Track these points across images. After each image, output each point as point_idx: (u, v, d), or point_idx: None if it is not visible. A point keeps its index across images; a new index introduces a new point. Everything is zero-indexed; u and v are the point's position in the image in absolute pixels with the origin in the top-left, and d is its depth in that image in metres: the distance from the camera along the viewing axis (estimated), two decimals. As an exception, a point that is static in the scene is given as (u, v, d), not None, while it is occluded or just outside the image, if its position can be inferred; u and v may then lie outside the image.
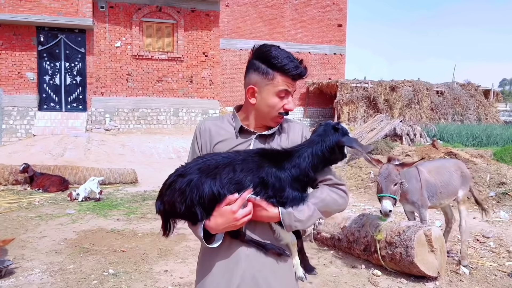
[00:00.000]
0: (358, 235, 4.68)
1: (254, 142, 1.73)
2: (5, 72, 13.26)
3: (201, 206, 1.54)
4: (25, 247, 5.07)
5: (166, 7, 14.44)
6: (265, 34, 23.88)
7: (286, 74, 1.67)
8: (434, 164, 4.87)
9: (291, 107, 1.71)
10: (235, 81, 23.52)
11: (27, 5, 12.64)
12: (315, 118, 24.62)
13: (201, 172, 1.56)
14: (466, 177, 4.75)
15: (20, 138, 13.32)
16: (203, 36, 14.80)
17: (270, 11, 23.95)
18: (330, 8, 24.86)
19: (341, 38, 25.14)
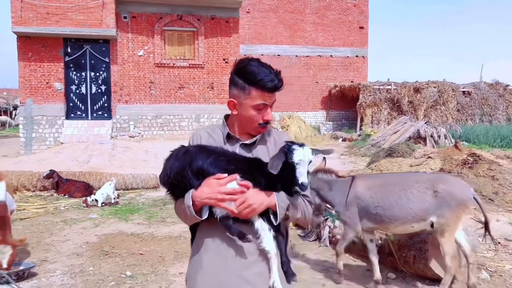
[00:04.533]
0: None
1: (239, 150, 1.83)
2: (35, 83, 13.81)
3: (192, 173, 1.69)
4: (49, 250, 5.27)
5: (187, 15, 14.73)
6: (286, 38, 23.96)
7: (261, 89, 1.74)
8: (385, 179, 4.15)
9: (269, 118, 1.80)
10: (257, 86, 23.64)
11: (54, 18, 13.15)
12: (337, 121, 24.46)
13: (199, 148, 1.76)
14: (445, 199, 3.58)
15: (49, 146, 13.81)
16: (223, 43, 15.00)
17: (291, 15, 24.02)
18: (351, 11, 24.71)
19: (363, 40, 24.93)
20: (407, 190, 3.71)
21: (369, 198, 3.83)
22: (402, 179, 3.99)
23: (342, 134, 21.27)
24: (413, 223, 3.69)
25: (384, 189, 3.82)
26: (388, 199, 3.74)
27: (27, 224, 6.48)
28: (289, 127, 21.29)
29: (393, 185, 3.84)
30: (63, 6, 13.19)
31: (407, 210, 3.65)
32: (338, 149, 18.04)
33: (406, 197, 3.68)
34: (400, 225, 3.74)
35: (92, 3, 13.32)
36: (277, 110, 23.31)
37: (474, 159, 8.21)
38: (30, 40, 13.53)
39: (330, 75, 24.63)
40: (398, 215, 3.69)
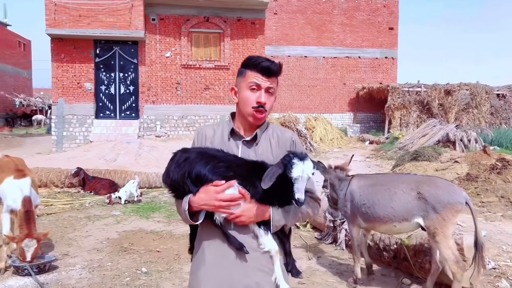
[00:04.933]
0: (388, 242, 4.57)
1: (242, 147, 1.85)
2: (67, 83, 14.29)
3: (190, 180, 1.72)
4: (71, 245, 5.45)
5: (213, 17, 14.88)
6: (314, 40, 23.83)
7: (254, 69, 1.80)
8: (376, 179, 4.21)
9: (262, 100, 1.80)
10: (283, 88, 23.60)
11: (85, 20, 13.58)
12: (365, 124, 24.11)
13: (199, 155, 1.76)
14: (428, 201, 3.55)
15: (79, 144, 14.25)
16: (249, 44, 15.07)
17: (319, 16, 23.87)
18: (380, 12, 24.33)
19: (393, 41, 24.48)
20: (391, 190, 3.77)
21: (358, 196, 3.96)
22: (391, 179, 4.08)
23: (369, 137, 20.97)
24: (395, 223, 3.73)
25: (371, 188, 3.92)
26: (372, 198, 3.84)
27: (53, 219, 6.72)
28: (315, 129, 21.14)
29: (380, 184, 3.92)
30: (94, 8, 13.60)
31: (388, 209, 3.72)
32: (364, 152, 17.79)
33: (389, 197, 3.74)
34: (383, 224, 3.82)
35: (121, 5, 13.66)
36: (303, 112, 23.24)
37: (503, 165, 7.93)
38: (62, 41, 14.01)
39: (358, 76, 24.31)
40: (380, 214, 3.78)
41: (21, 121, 31.17)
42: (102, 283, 4.19)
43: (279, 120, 16.62)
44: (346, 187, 4.12)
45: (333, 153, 17.22)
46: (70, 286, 4.12)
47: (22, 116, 31.45)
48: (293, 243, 5.49)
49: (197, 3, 14.46)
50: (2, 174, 4.37)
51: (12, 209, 4.08)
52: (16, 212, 4.06)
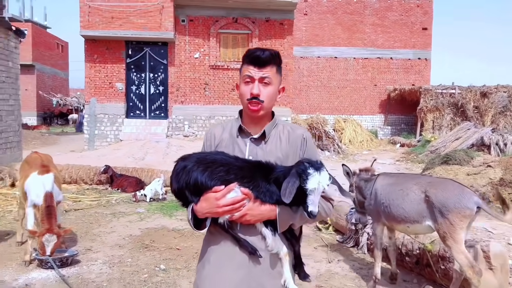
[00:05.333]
0: (410, 247, 4.43)
1: (250, 144, 1.81)
2: (99, 83, 14.70)
3: (188, 190, 1.69)
4: (95, 240, 5.57)
5: (242, 18, 14.93)
6: (344, 40, 23.53)
7: (246, 61, 1.79)
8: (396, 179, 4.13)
9: (254, 91, 1.75)
10: (312, 89, 23.43)
11: (117, 21, 13.93)
12: (396, 126, 23.59)
13: (197, 162, 1.71)
14: (435, 204, 3.48)
15: (109, 143, 14.62)
16: (277, 45, 15.02)
17: (350, 17, 23.54)
18: (414, 11, 23.74)
19: (426, 42, 23.84)
20: (403, 190, 3.79)
21: (379, 195, 3.99)
22: (406, 180, 4.01)
23: (400, 139, 20.49)
24: (408, 224, 3.75)
25: (389, 187, 3.95)
26: (388, 197, 3.88)
27: (80, 215, 6.90)
28: (344, 130, 20.85)
29: (396, 184, 3.93)
30: (126, 10, 13.92)
31: (400, 210, 3.76)
32: (395, 154, 17.40)
33: (401, 197, 3.77)
34: (397, 223, 3.85)
35: (152, 7, 13.93)
36: (332, 113, 22.96)
37: None
38: (96, 43, 14.42)
39: (389, 77, 23.81)
40: (394, 214, 3.82)
41: (57, 120, 32.35)
42: (120, 279, 4.25)
43: (306, 121, 16.48)
44: (372, 186, 4.14)
45: (362, 156, 16.92)
46: (90, 280, 4.20)
47: (59, 115, 32.64)
48: (313, 245, 5.42)
49: (226, 4, 14.56)
50: (30, 169, 4.53)
51: (35, 203, 4.21)
52: (38, 207, 4.19)
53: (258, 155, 1.78)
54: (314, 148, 1.86)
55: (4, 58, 10.41)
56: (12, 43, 10.83)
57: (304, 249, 5.33)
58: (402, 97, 22.85)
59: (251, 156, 1.79)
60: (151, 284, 4.15)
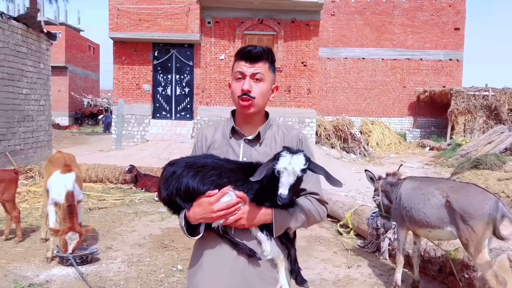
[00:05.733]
0: (433, 254, 4.27)
1: (244, 145, 1.76)
2: (127, 84, 14.98)
3: (179, 196, 1.63)
4: (116, 238, 5.65)
5: (267, 19, 14.91)
6: (372, 41, 23.15)
7: (238, 57, 1.75)
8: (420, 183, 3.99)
9: (245, 87, 1.70)
10: (339, 90, 23.16)
11: (145, 24, 14.17)
12: (425, 129, 23.00)
13: (186, 167, 1.65)
14: (456, 210, 3.37)
15: (136, 143, 14.88)
16: (302, 46, 14.91)
17: (378, 17, 23.15)
18: (445, 11, 23.10)
19: (458, 42, 23.14)
20: (425, 195, 3.72)
21: (403, 199, 3.92)
22: (429, 184, 3.89)
23: (429, 143, 19.97)
24: (429, 229, 3.67)
25: (413, 191, 3.88)
26: (410, 201, 3.82)
27: (103, 213, 7.03)
28: (371, 133, 20.50)
29: (419, 188, 3.85)
30: (153, 12, 14.14)
31: (421, 215, 3.69)
32: (423, 158, 16.96)
33: (422, 202, 3.70)
34: (418, 228, 3.78)
35: (178, 9, 14.09)
36: (359, 115, 22.62)
37: None
38: (124, 44, 14.71)
39: (419, 79, 23.25)
40: (416, 218, 3.75)
41: (88, 120, 33.24)
42: (137, 278, 4.28)
43: (332, 123, 16.28)
44: (397, 190, 4.08)
45: (389, 159, 16.57)
46: (108, 278, 4.26)
47: (89, 116, 33.53)
48: (333, 249, 5.31)
49: (252, 6, 14.56)
50: (53, 168, 4.64)
51: (56, 202, 4.30)
52: (59, 205, 4.28)
53: (252, 157, 1.72)
54: (310, 149, 1.79)
55: (36, 60, 10.77)
56: (43, 46, 11.19)
57: (324, 253, 5.24)
58: (432, 99, 22.26)
59: (245, 158, 1.73)
60: (167, 284, 4.16)
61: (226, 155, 1.74)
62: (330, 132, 15.70)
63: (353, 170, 12.78)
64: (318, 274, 4.53)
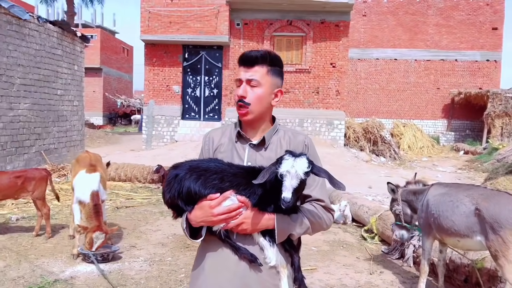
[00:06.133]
0: (459, 263, 4.11)
1: (249, 150, 1.75)
2: (157, 85, 15.28)
3: (181, 199, 1.64)
4: (140, 237, 5.76)
5: (296, 21, 14.84)
6: (405, 42, 22.63)
7: (239, 63, 1.75)
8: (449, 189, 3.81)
9: (239, 93, 1.71)
10: (369, 92, 22.77)
11: (175, 26, 14.42)
12: (460, 132, 22.26)
13: (189, 171, 1.66)
14: (486, 219, 3.21)
15: (165, 143, 15.15)
16: (332, 47, 14.76)
17: (411, 17, 22.61)
18: (483, 11, 22.28)
19: (496, 42, 22.28)
20: (454, 202, 3.55)
21: (430, 205, 3.75)
22: (458, 191, 3.71)
23: (464, 146, 19.32)
24: (457, 238, 3.50)
25: (441, 197, 3.70)
26: (438, 208, 3.66)
27: (130, 212, 7.18)
28: (403, 135, 20.05)
29: (448, 195, 3.67)
30: (183, 15, 14.36)
31: (450, 223, 3.52)
32: (457, 162, 16.43)
33: (451, 209, 3.54)
34: (447, 236, 3.62)
35: (208, 11, 14.25)
36: (390, 117, 22.16)
37: None
38: (155, 47, 15.02)
39: (453, 81, 22.54)
40: (443, 226, 3.58)
41: (121, 120, 34.13)
42: (158, 277, 4.35)
43: (361, 125, 16.01)
44: (424, 197, 3.93)
45: (421, 163, 16.15)
46: (129, 276, 4.34)
47: (123, 116, 34.42)
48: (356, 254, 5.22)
49: (281, 7, 14.54)
50: (79, 167, 4.78)
51: (81, 200, 4.43)
52: (84, 203, 4.40)
53: (257, 161, 1.71)
54: (316, 154, 1.76)
55: (70, 62, 11.14)
56: (78, 48, 11.57)
57: (346, 259, 5.15)
58: (468, 101, 21.53)
59: (249, 162, 1.72)
60: (186, 284, 4.20)
61: (231, 159, 1.74)
62: (359, 134, 15.46)
63: (382, 174, 12.52)
64: (339, 279, 4.46)
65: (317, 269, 4.71)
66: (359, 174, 12.18)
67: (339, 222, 6.78)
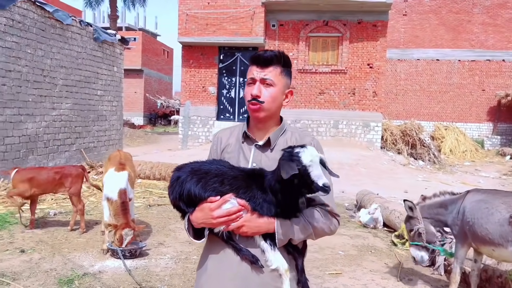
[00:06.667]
0: (491, 274, 3.91)
1: (254, 151, 1.75)
2: (193, 87, 15.56)
3: (182, 201, 1.66)
4: (169, 235, 5.87)
5: (333, 21, 14.66)
6: (448, 41, 21.81)
7: (250, 62, 1.75)
8: (487, 195, 3.63)
9: (254, 92, 1.69)
10: (410, 93, 22.11)
11: (211, 28, 14.62)
12: (507, 136, 21.20)
13: (191, 173, 1.67)
14: None
15: (200, 143, 15.39)
16: (369, 48, 14.46)
17: (455, 16, 21.76)
18: (533, 8, 21.09)
19: (549, 41, 21.02)
20: (489, 209, 3.41)
21: (467, 212, 3.59)
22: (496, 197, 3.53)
23: (511, 151, 18.34)
24: (492, 247, 3.38)
25: (477, 204, 3.54)
26: (473, 215, 3.51)
27: (161, 210, 7.34)
28: (444, 139, 19.34)
29: (484, 202, 3.52)
30: (220, 17, 14.54)
31: (484, 231, 3.39)
32: (502, 168, 15.64)
33: (486, 216, 3.40)
34: (481, 245, 3.47)
35: (243, 13, 14.35)
36: (431, 120, 21.44)
37: None
38: (191, 48, 15.30)
39: (500, 82, 21.47)
40: (478, 234, 3.44)
41: (161, 120, 34.99)
42: (182, 275, 4.41)
43: (399, 127, 15.58)
44: (460, 204, 3.74)
45: (463, 167, 15.50)
46: (155, 273, 4.43)
47: (162, 116, 35.28)
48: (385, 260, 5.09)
49: (317, 8, 14.41)
50: (109, 165, 4.95)
51: (108, 197, 4.58)
52: (111, 201, 4.54)
53: (262, 163, 1.70)
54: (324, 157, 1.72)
55: (110, 63, 11.55)
56: (117, 50, 11.97)
57: (374, 264, 5.02)
58: (516, 103, 20.47)
59: (255, 163, 1.71)
60: (209, 283, 4.23)
61: (237, 159, 1.74)
62: (396, 137, 15.04)
63: (419, 178, 12.13)
64: (364, 285, 4.35)
65: (342, 274, 4.63)
66: (395, 178, 11.85)
67: (369, 226, 6.63)
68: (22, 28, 8.21)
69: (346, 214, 7.48)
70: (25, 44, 8.33)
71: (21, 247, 5.01)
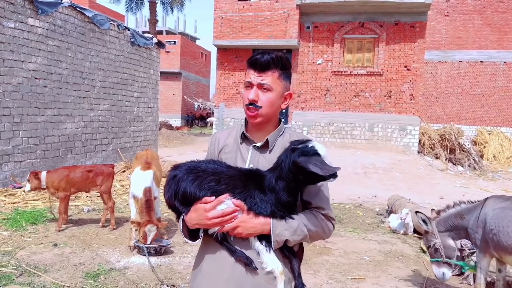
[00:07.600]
0: (520, 285, 3.71)
1: (252, 152, 1.74)
2: (227, 89, 15.73)
3: (178, 200, 1.66)
4: (195, 234, 5.97)
5: (369, 22, 14.40)
6: (492, 42, 20.88)
7: (247, 65, 1.71)
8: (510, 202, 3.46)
9: (250, 97, 1.67)
10: (451, 96, 21.32)
11: (245, 31, 14.74)
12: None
13: (187, 172, 1.67)
14: None
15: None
16: (406, 49, 14.08)
17: (501, 16, 20.80)
18: None
19: None
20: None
21: (489, 221, 3.45)
22: None
23: (560, 158, 17.30)
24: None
25: (502, 211, 3.40)
26: (498, 223, 3.38)
27: (190, 210, 7.46)
28: (488, 144, 18.49)
29: (510, 209, 3.38)
30: (254, 20, 14.64)
31: (510, 240, 3.27)
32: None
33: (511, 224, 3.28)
34: (506, 254, 3.35)
35: (278, 16, 14.37)
36: (474, 124, 20.58)
37: None
38: (226, 51, 15.48)
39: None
40: (503, 242, 3.33)
41: (198, 122, 35.57)
42: (203, 274, 4.47)
43: (438, 131, 15.05)
44: (479, 212, 3.59)
45: (506, 174, 14.76)
46: (177, 271, 4.52)
47: (199, 118, 35.85)
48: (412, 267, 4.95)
49: (353, 9, 14.21)
50: (136, 164, 5.09)
51: (134, 195, 4.71)
52: (137, 198, 4.67)
53: (259, 164, 1.69)
54: None
55: (146, 66, 11.90)
56: (154, 53, 12.31)
57: (400, 271, 4.89)
58: None
59: (252, 164, 1.70)
60: (229, 283, 4.27)
61: (235, 160, 1.74)
62: (435, 141, 14.55)
63: (458, 184, 11.68)
64: (387, 292, 4.25)
65: (365, 279, 4.54)
66: (432, 183, 11.46)
67: (399, 231, 6.46)
68: (63, 32, 8.62)
69: (376, 219, 7.32)
70: (66, 48, 8.73)
71: (55, 241, 5.25)
